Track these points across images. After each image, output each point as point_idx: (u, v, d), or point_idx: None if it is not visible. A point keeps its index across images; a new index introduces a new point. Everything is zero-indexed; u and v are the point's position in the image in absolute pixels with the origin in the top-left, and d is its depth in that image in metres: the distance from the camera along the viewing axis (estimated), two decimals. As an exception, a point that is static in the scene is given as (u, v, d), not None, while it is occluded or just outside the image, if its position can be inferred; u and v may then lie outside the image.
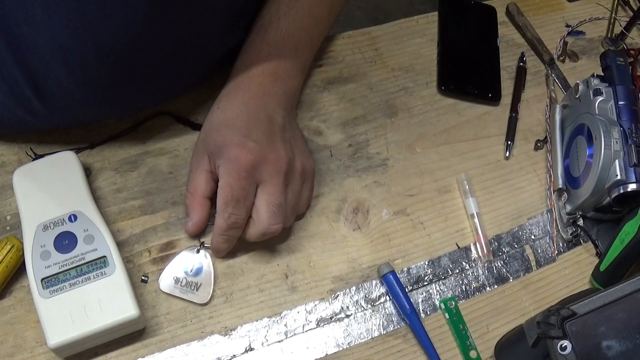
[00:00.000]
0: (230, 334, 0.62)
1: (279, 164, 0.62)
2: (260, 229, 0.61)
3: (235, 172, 0.60)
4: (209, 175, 0.62)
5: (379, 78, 0.78)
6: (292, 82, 0.69)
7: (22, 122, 0.64)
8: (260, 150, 0.61)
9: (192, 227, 0.64)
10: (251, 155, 0.60)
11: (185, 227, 0.64)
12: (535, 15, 0.86)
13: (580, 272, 0.69)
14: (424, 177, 0.72)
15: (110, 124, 0.70)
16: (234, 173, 0.60)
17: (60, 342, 0.55)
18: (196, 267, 0.63)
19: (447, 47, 0.81)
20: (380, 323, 0.64)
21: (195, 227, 0.64)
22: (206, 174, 0.62)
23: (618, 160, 0.65)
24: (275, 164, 0.61)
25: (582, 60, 0.84)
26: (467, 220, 0.71)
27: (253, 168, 0.60)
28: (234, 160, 0.60)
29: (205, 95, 0.73)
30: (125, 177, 0.68)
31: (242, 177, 0.60)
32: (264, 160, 0.61)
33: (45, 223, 0.59)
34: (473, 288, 0.67)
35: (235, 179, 0.59)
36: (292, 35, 0.68)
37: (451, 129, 0.76)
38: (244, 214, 0.61)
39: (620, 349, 0.51)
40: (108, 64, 0.58)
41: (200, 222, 0.63)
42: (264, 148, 0.61)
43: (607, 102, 0.69)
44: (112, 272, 0.58)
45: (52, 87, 0.59)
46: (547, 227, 0.72)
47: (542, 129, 0.78)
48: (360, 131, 0.74)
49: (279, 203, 0.61)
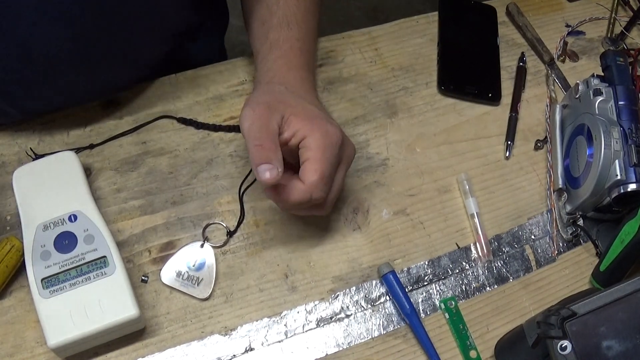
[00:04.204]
0: (230, 334, 0.62)
1: (350, 148, 0.64)
2: (307, 193, 0.59)
3: (330, 149, 0.60)
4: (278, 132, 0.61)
5: (379, 78, 0.78)
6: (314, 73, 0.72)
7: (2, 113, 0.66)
8: (340, 130, 0.62)
9: (276, 176, 0.57)
10: (340, 133, 0.61)
11: (263, 176, 0.57)
12: (535, 15, 0.86)
13: (580, 272, 0.69)
14: (424, 177, 0.72)
15: (110, 124, 0.70)
16: (329, 149, 0.60)
17: (60, 342, 0.55)
18: (199, 262, 0.64)
19: (447, 47, 0.81)
20: (380, 323, 0.64)
21: (279, 177, 0.58)
22: (278, 129, 0.60)
23: (618, 160, 0.65)
24: (348, 147, 0.63)
25: (582, 60, 0.84)
26: (467, 220, 0.71)
27: (340, 147, 0.61)
28: (326, 135, 0.60)
29: (206, 95, 0.74)
30: (125, 177, 0.68)
31: (335, 155, 0.60)
32: (342, 140, 0.62)
33: (45, 223, 0.59)
34: (473, 288, 0.67)
35: (331, 155, 0.60)
36: (311, 29, 0.70)
37: (451, 128, 0.76)
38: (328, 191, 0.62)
39: (620, 349, 0.51)
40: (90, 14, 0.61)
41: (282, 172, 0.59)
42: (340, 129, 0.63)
43: (607, 102, 0.69)
44: (112, 272, 0.58)
45: (41, 49, 0.61)
46: (547, 227, 0.72)
47: (542, 129, 0.78)
48: (360, 131, 0.74)
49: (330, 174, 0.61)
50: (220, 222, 0.67)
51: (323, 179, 0.59)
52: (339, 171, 0.62)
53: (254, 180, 0.69)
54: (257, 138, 0.58)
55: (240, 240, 0.66)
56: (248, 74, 0.76)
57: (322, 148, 0.59)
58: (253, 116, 0.59)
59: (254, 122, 0.59)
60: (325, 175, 0.59)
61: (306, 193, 0.59)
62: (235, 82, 0.75)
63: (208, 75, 0.75)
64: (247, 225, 0.67)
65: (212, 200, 0.68)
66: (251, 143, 0.58)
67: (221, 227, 0.66)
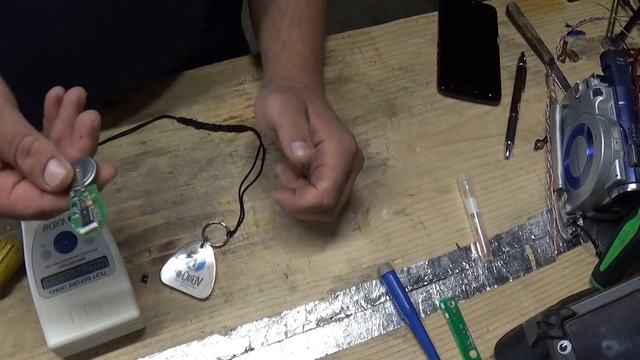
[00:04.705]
0: (230, 334, 0.62)
1: (361, 158, 0.64)
2: (318, 198, 0.59)
3: (345, 156, 0.60)
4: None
5: (379, 78, 0.78)
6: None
7: None
8: (354, 139, 0.62)
9: (310, 154, 0.57)
10: (354, 142, 0.61)
11: (296, 153, 0.57)
12: (535, 15, 0.86)
13: (580, 272, 0.69)
14: (424, 177, 0.72)
15: (110, 123, 0.70)
16: (345, 156, 0.60)
17: (60, 342, 0.55)
18: (199, 262, 0.64)
19: (447, 47, 0.81)
20: (380, 323, 0.64)
21: (311, 156, 0.58)
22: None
23: (618, 160, 0.65)
24: (360, 156, 0.63)
25: (582, 60, 0.84)
26: (467, 220, 0.71)
27: (354, 155, 0.61)
28: (343, 142, 0.60)
29: (205, 95, 0.74)
30: (125, 177, 0.68)
31: (349, 163, 0.60)
32: (356, 149, 0.62)
33: (45, 223, 0.59)
34: (473, 288, 0.67)
35: (345, 162, 0.60)
36: (320, 31, 0.71)
37: (451, 128, 0.76)
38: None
39: (620, 349, 0.51)
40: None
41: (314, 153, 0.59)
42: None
43: (607, 102, 0.69)
44: (112, 272, 0.58)
45: (63, 46, 0.60)
46: (547, 227, 0.72)
47: (542, 129, 0.78)
48: (360, 131, 0.74)
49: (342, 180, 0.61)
50: (220, 222, 0.67)
51: (336, 185, 0.59)
52: (349, 179, 0.62)
53: (253, 180, 0.69)
54: (292, 117, 0.58)
55: (240, 240, 0.66)
56: (248, 74, 0.76)
57: (338, 155, 0.59)
58: (282, 100, 0.59)
59: (285, 104, 0.59)
60: (338, 182, 0.59)
61: (318, 198, 0.59)
62: (235, 82, 0.75)
63: (208, 75, 0.75)
64: (247, 225, 0.67)
65: (212, 200, 0.68)
66: (287, 121, 0.58)
67: (221, 227, 0.66)
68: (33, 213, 0.45)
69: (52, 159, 0.44)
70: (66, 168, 0.44)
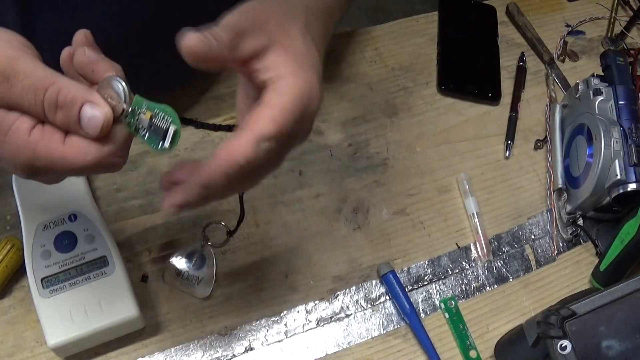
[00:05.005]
0: (230, 333, 0.62)
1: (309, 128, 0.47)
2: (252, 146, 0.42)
3: (303, 108, 0.43)
4: None
5: (379, 78, 0.78)
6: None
7: None
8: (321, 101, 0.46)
9: (207, 43, 0.43)
10: (319, 102, 0.45)
11: (187, 41, 0.42)
12: (535, 15, 0.86)
13: (580, 272, 0.69)
14: (424, 176, 0.72)
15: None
16: (302, 108, 0.43)
17: (60, 342, 0.55)
18: (199, 262, 0.64)
19: (447, 46, 0.81)
20: (380, 323, 0.64)
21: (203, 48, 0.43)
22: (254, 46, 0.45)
23: (618, 160, 0.65)
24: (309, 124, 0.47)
25: (582, 60, 0.84)
26: (467, 220, 0.71)
27: (311, 115, 0.45)
28: (307, 90, 0.44)
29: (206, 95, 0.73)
30: (125, 177, 0.68)
31: (303, 121, 0.44)
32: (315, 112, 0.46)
33: (45, 223, 0.59)
34: (473, 288, 0.67)
35: (300, 115, 0.43)
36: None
37: (451, 128, 0.76)
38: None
39: (620, 349, 0.51)
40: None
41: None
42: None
43: (607, 101, 0.69)
44: (112, 272, 0.58)
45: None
46: (547, 227, 0.72)
47: (542, 128, 0.78)
48: (360, 131, 0.74)
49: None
50: (220, 221, 0.66)
51: (282, 136, 0.42)
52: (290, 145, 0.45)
53: (254, 180, 0.69)
54: (243, 23, 0.44)
55: (240, 240, 0.66)
56: (248, 74, 0.76)
57: (296, 101, 0.43)
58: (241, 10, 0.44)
59: (238, 14, 0.44)
60: (284, 133, 0.42)
61: (253, 145, 0.41)
62: (236, 82, 0.75)
63: (208, 75, 0.75)
64: (247, 225, 0.67)
65: (212, 200, 0.68)
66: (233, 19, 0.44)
67: (221, 226, 0.66)
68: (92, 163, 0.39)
69: (84, 104, 0.39)
70: (102, 107, 0.39)
